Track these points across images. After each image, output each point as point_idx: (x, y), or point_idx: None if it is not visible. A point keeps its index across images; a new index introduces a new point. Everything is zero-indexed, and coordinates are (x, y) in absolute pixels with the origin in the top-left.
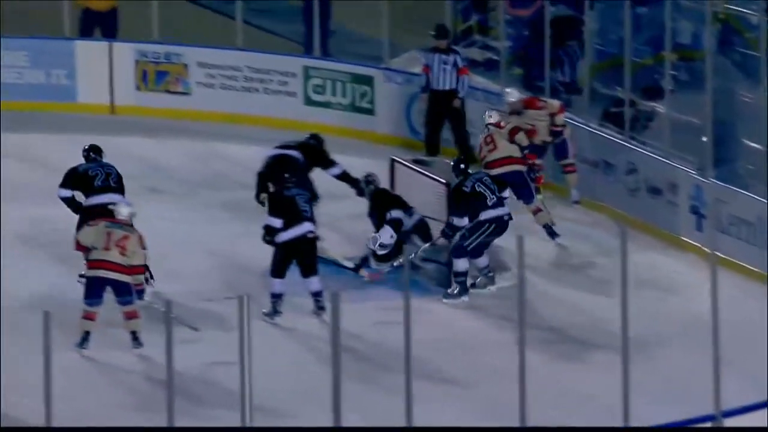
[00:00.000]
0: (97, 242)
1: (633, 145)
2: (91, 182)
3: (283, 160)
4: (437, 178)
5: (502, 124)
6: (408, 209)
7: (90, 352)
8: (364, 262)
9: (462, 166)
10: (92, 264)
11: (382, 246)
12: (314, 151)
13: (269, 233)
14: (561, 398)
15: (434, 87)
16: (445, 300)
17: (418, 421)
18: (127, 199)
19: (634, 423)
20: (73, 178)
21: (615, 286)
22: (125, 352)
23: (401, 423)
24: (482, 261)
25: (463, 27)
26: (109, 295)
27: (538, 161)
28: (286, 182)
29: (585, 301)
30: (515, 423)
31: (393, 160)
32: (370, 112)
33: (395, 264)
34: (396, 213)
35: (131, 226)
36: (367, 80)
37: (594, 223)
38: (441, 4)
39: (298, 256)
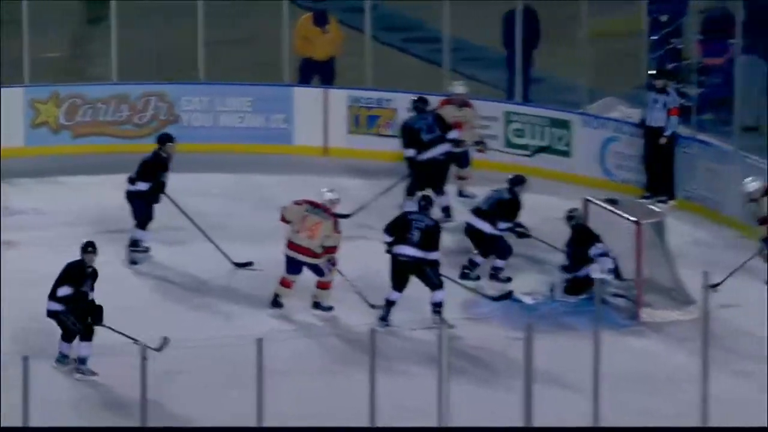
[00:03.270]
0: (294, 221)
1: None
2: None
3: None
4: (627, 216)
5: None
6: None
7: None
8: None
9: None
10: (288, 245)
11: (606, 271)
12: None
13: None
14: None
15: (647, 123)
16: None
17: None
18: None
19: None
20: None
21: None
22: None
23: None
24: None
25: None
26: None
27: None
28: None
29: None
30: None
31: (586, 200)
32: (566, 154)
33: (584, 297)
34: (602, 246)
35: (328, 211)
36: (565, 124)
37: None
38: (639, 53)
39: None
